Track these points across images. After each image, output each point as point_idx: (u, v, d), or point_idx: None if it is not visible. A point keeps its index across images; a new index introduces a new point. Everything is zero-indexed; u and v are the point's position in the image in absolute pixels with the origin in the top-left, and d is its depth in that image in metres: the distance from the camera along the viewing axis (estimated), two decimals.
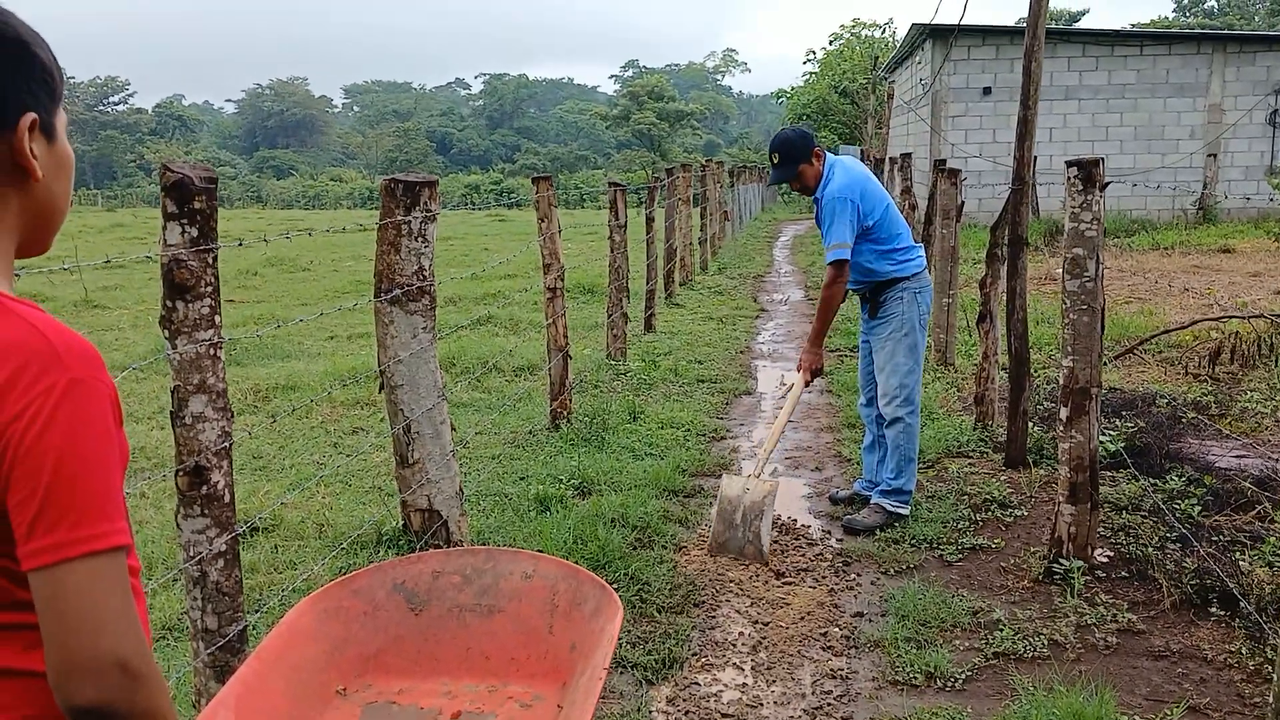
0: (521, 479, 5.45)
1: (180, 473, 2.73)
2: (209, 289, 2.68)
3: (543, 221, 6.57)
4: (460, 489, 4.21)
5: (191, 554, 2.78)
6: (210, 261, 2.68)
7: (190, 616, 2.86)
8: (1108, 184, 4.07)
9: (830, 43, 51.37)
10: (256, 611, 3.71)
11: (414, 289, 3.88)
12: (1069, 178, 4.06)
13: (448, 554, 2.83)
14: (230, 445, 2.78)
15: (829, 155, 5.02)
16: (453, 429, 4.22)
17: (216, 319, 2.71)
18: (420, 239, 3.86)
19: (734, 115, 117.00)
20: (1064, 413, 4.18)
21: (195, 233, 2.63)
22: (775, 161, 4.99)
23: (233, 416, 2.77)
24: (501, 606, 2.73)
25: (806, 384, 5.10)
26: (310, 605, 2.67)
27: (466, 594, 2.76)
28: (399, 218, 3.81)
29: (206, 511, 2.77)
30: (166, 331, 2.68)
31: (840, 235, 4.83)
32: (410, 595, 2.75)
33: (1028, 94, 5.55)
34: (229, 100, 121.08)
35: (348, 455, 5.95)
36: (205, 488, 2.75)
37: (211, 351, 2.70)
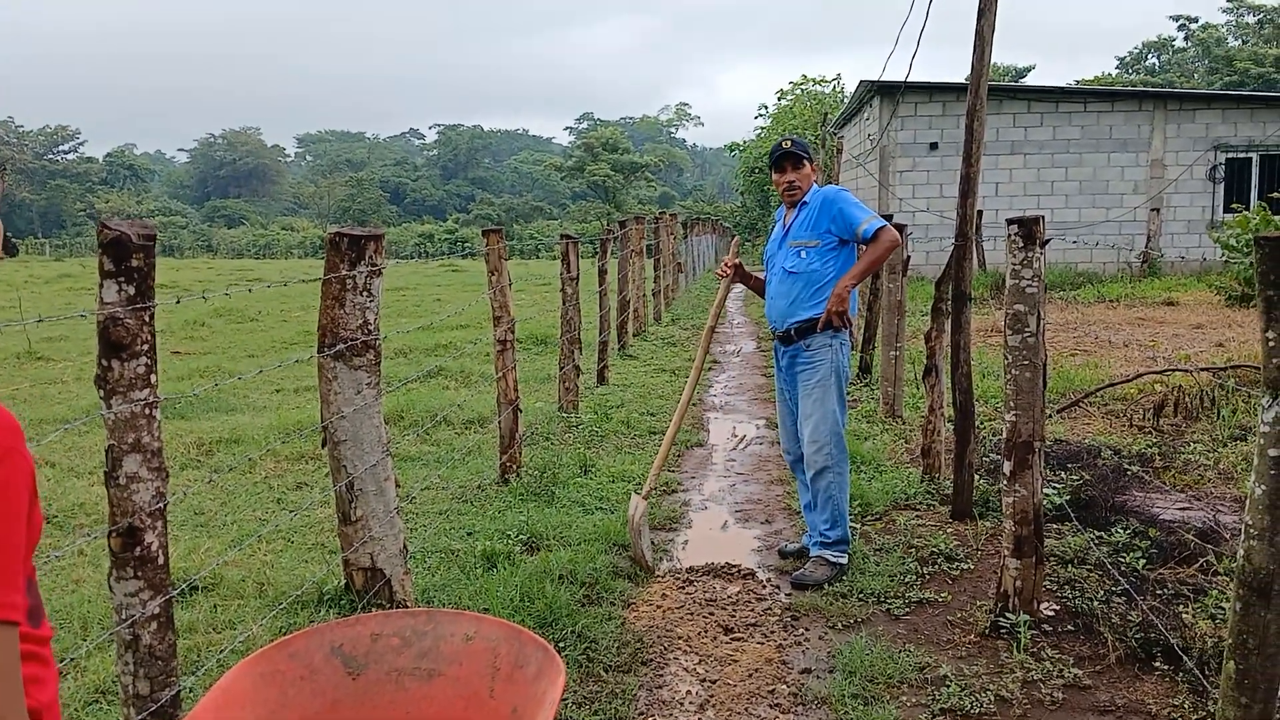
0: (469, 535, 5.40)
1: (113, 534, 2.67)
2: (145, 347, 2.64)
3: (493, 274, 6.56)
4: (404, 546, 4.15)
5: (124, 617, 2.71)
6: (147, 320, 2.64)
7: (121, 681, 2.79)
8: (1048, 241, 4.14)
9: (780, 98, 52.19)
10: (193, 674, 3.62)
11: (358, 344, 3.85)
12: (1010, 235, 4.12)
13: (387, 616, 2.78)
14: (165, 506, 2.73)
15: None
16: (398, 485, 4.17)
17: (152, 378, 2.67)
18: (365, 293, 3.84)
19: (688, 167, 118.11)
20: (1007, 467, 4.21)
21: (132, 291, 2.60)
22: (787, 146, 5.02)
23: (168, 476, 2.72)
24: (441, 670, 2.69)
25: (838, 326, 4.96)
26: (245, 669, 2.62)
27: (406, 657, 2.71)
28: (344, 272, 3.78)
29: (139, 574, 2.71)
30: (102, 390, 2.64)
31: (865, 211, 4.91)
32: (348, 659, 2.70)
33: (970, 152, 5.66)
34: (181, 150, 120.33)
35: (291, 511, 5.86)
36: (139, 549, 2.69)
37: (147, 411, 2.65)
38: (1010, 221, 4.14)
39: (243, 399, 9.45)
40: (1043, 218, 4.19)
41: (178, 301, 2.99)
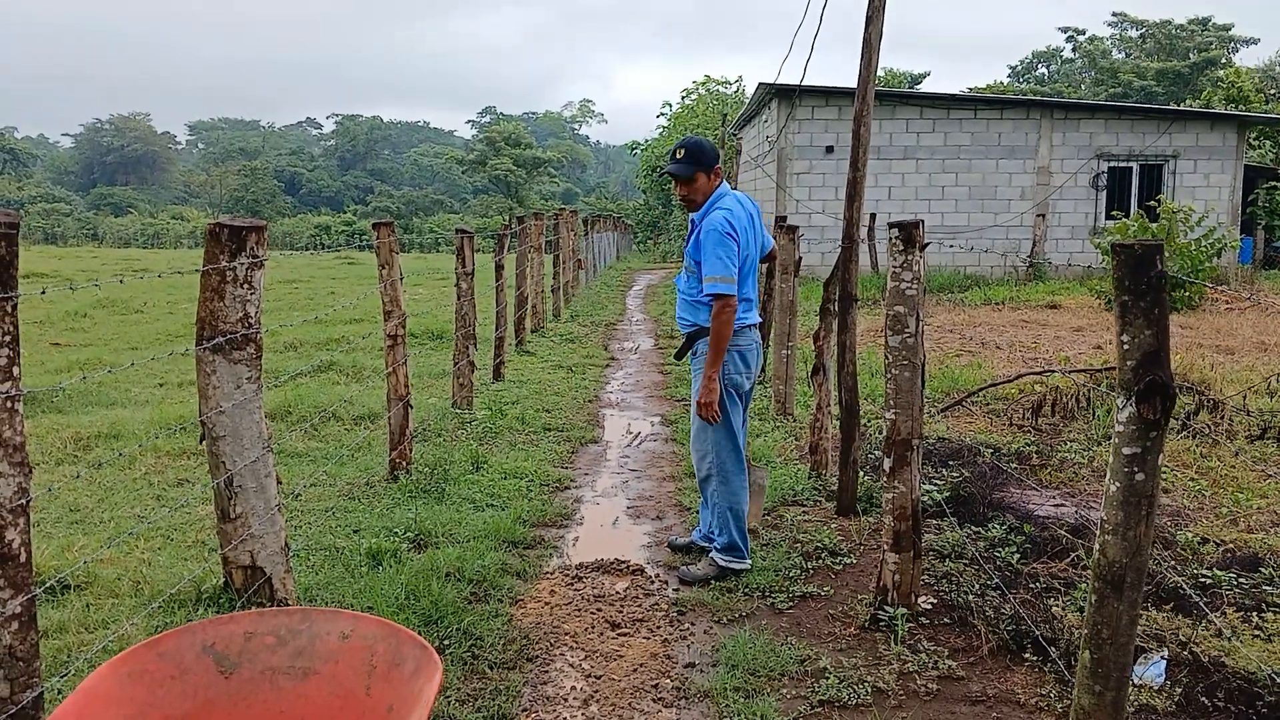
0: (355, 532, 5.33)
1: None
2: (7, 339, 2.56)
3: (384, 268, 6.48)
4: (286, 544, 4.09)
5: None
6: (9, 310, 2.55)
7: None
8: (927, 244, 4.25)
9: (683, 98, 52.54)
10: (62, 675, 3.52)
11: (238, 337, 3.77)
12: (891, 238, 4.22)
13: (261, 614, 2.74)
14: (28, 502, 2.64)
15: (726, 185, 4.94)
16: (279, 482, 4.10)
17: (15, 370, 2.59)
18: (246, 285, 3.77)
19: (591, 164, 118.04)
20: (887, 464, 4.32)
21: None
22: (679, 156, 4.83)
23: (31, 471, 2.64)
24: (317, 668, 2.66)
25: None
26: (112, 669, 2.56)
27: (280, 656, 2.68)
28: (223, 263, 3.71)
29: (0, 572, 2.62)
30: None
31: (717, 269, 4.63)
32: (220, 658, 2.66)
33: (857, 157, 5.77)
34: (65, 134, 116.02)
35: (171, 508, 5.71)
36: (0, 547, 2.60)
37: (9, 404, 2.57)
38: (891, 225, 4.24)
39: (124, 393, 9.18)
40: (922, 222, 4.30)
41: (43, 292, 2.90)
